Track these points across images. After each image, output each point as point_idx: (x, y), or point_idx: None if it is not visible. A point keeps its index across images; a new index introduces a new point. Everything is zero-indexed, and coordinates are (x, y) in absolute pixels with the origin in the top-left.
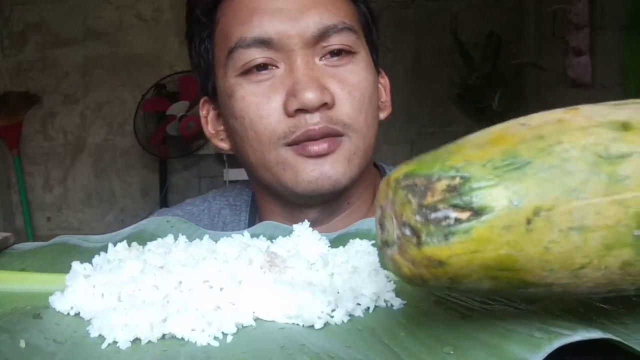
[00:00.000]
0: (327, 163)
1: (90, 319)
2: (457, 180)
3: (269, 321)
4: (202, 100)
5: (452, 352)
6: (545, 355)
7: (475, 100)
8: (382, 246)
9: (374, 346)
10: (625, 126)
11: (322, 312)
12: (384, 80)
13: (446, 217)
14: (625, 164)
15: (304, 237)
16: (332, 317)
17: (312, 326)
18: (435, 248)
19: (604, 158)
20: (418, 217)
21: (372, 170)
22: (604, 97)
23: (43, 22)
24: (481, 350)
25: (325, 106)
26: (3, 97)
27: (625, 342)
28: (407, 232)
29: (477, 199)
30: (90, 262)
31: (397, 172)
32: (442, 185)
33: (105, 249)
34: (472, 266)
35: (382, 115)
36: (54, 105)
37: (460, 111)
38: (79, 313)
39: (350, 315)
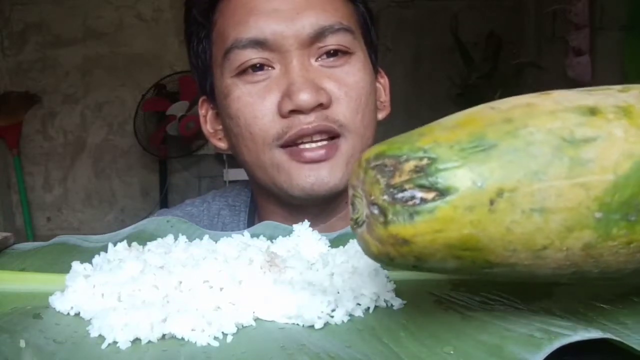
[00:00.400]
0: (324, 168)
1: (90, 319)
2: (425, 162)
3: (269, 321)
4: (201, 100)
5: (452, 352)
6: (546, 355)
7: (475, 100)
8: (353, 225)
9: (374, 346)
10: (592, 111)
11: (322, 312)
12: (384, 80)
13: (412, 197)
14: (589, 147)
15: (304, 237)
16: (332, 317)
17: (312, 326)
18: (401, 227)
19: (569, 142)
20: (385, 197)
21: None
22: None
23: (43, 22)
24: (481, 350)
25: (321, 106)
26: (3, 97)
27: (625, 342)
28: (375, 211)
29: (442, 179)
30: (90, 262)
31: (369, 153)
32: (409, 166)
33: (105, 249)
34: (436, 245)
35: (381, 116)
36: (54, 105)
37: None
38: (79, 313)
39: (350, 315)
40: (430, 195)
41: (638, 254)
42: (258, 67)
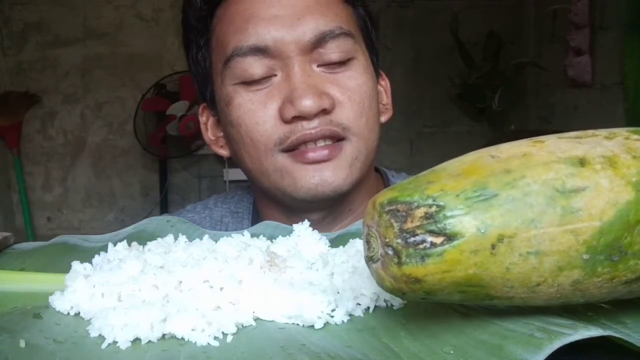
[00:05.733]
0: (327, 169)
1: (90, 318)
2: (434, 209)
3: (269, 321)
4: (201, 107)
5: (452, 351)
6: (546, 355)
7: (475, 100)
8: (368, 260)
9: (374, 346)
10: (582, 162)
11: (322, 312)
12: (385, 83)
13: (423, 241)
14: (579, 197)
15: (304, 236)
16: (332, 317)
17: (312, 326)
18: (413, 267)
19: (561, 192)
20: (399, 240)
21: (374, 175)
22: (604, 97)
23: (43, 22)
24: (481, 350)
25: (324, 112)
26: (3, 97)
27: (625, 339)
28: (390, 252)
29: (450, 226)
30: (90, 262)
31: (382, 197)
32: (420, 212)
33: (105, 248)
34: (444, 283)
35: (384, 119)
36: (54, 105)
37: (460, 111)
38: (79, 313)
39: (350, 315)
40: (439, 240)
41: (619, 286)
42: (260, 77)
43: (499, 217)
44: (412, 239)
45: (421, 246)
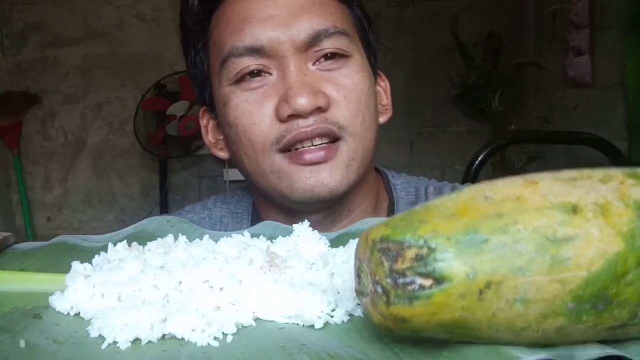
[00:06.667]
0: (324, 170)
1: (91, 319)
2: (424, 251)
3: (269, 321)
4: (201, 110)
5: (449, 351)
6: (541, 357)
7: (475, 100)
8: (358, 294)
9: (374, 346)
10: (574, 209)
11: (322, 311)
12: (384, 83)
13: (412, 282)
14: (569, 246)
15: (304, 237)
16: (332, 316)
17: (312, 326)
18: (401, 308)
19: (551, 241)
20: (389, 280)
21: (373, 175)
22: (604, 97)
23: (43, 22)
24: (478, 350)
25: (320, 110)
26: (3, 97)
27: (626, 356)
28: (379, 289)
29: (440, 269)
30: (90, 262)
31: (375, 233)
32: (411, 253)
33: (105, 248)
34: (431, 324)
35: (383, 119)
36: (54, 105)
37: (460, 111)
38: (79, 313)
39: (350, 315)
40: (428, 283)
41: (602, 332)
42: (255, 74)
43: (488, 263)
44: (401, 280)
45: (410, 288)
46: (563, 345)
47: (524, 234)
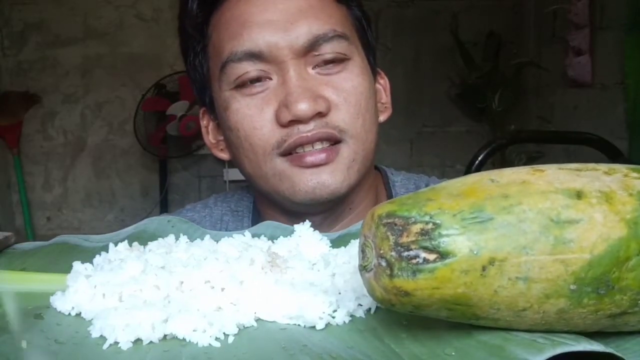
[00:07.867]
0: (325, 172)
1: (92, 319)
2: (430, 226)
3: (270, 322)
4: (202, 111)
5: (453, 353)
6: (547, 357)
7: (475, 100)
8: (361, 269)
9: (375, 347)
10: (579, 194)
11: (323, 312)
12: (384, 81)
13: (416, 256)
14: (572, 229)
15: (305, 237)
16: (333, 317)
17: (314, 327)
18: (404, 281)
19: (555, 222)
20: (393, 253)
21: (373, 173)
22: (604, 97)
23: (43, 22)
24: (483, 351)
25: (320, 115)
26: (3, 97)
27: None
28: (383, 263)
29: (444, 244)
30: (91, 262)
31: (381, 209)
32: (416, 228)
33: (106, 248)
34: (433, 299)
35: (382, 118)
36: (54, 105)
37: (460, 111)
38: (80, 313)
39: (351, 315)
40: (432, 257)
41: (603, 319)
42: (255, 80)
43: (492, 241)
44: (406, 253)
45: (414, 261)
46: (563, 334)
47: (528, 214)
